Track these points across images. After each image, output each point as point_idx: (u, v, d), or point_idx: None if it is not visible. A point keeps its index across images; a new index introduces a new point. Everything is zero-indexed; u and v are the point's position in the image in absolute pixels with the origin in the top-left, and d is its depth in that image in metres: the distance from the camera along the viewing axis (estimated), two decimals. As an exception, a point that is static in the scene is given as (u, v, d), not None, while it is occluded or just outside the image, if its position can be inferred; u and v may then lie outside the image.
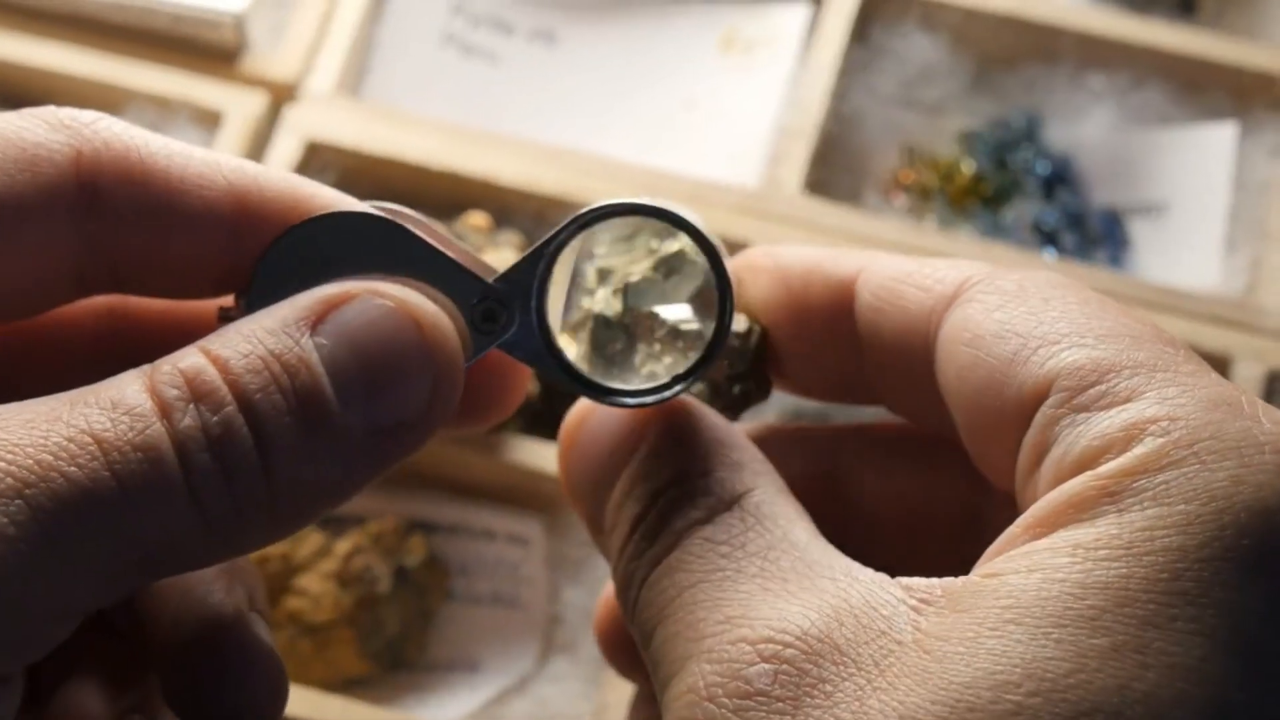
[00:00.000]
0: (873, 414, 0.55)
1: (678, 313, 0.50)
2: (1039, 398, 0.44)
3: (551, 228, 0.48)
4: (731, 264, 0.52)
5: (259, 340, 0.43)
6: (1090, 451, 0.42)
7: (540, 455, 0.91)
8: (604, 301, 0.50)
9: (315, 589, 0.85)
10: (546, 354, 0.48)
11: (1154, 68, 1.07)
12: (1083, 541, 0.40)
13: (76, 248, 0.46)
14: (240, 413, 0.41)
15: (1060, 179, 1.07)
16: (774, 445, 0.51)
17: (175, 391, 0.41)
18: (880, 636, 0.40)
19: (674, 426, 0.49)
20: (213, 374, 0.42)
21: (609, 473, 0.50)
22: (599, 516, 0.50)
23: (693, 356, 0.49)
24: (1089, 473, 0.41)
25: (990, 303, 0.46)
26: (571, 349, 0.49)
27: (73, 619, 0.41)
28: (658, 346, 0.50)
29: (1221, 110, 1.07)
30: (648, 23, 1.13)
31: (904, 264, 0.50)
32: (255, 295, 0.46)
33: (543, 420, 0.94)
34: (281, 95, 1.04)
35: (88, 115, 0.47)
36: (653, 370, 0.49)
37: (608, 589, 0.55)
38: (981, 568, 0.42)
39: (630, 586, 0.47)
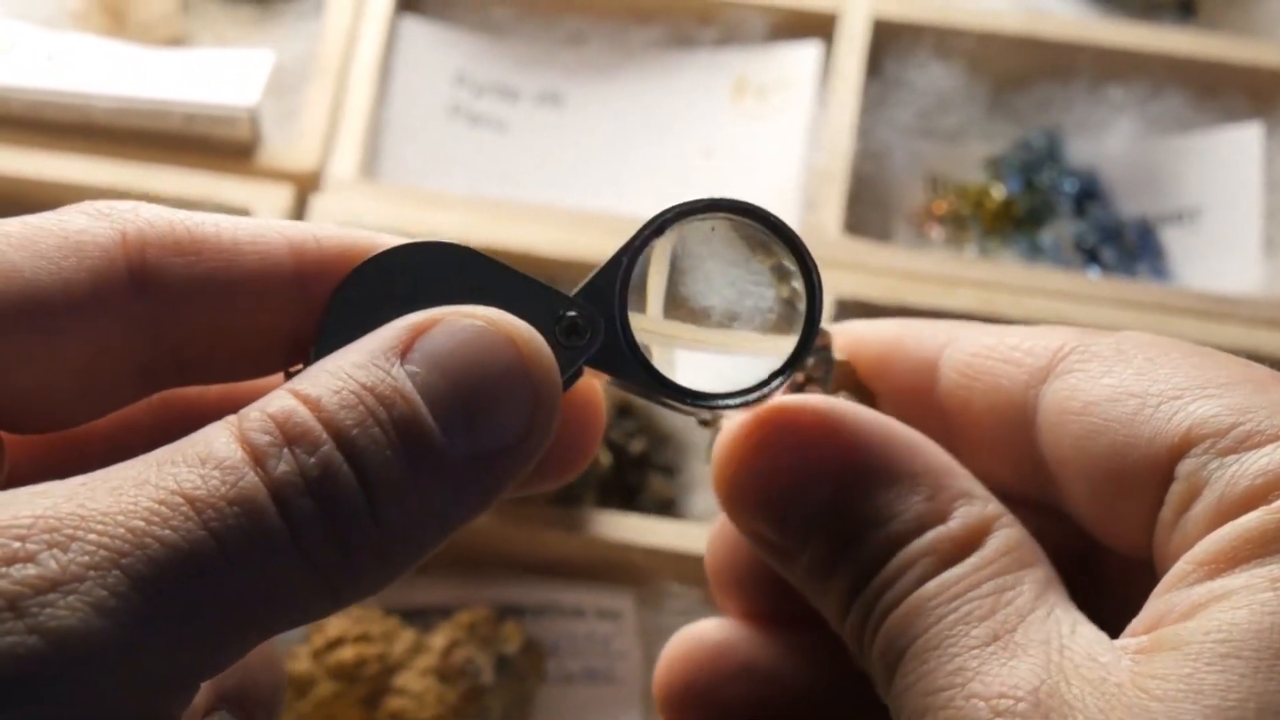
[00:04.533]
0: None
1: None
2: (1176, 451, 0.43)
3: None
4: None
5: (348, 375, 0.41)
6: (1255, 490, 0.42)
7: (622, 527, 0.90)
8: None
9: (416, 687, 0.83)
10: (634, 363, 0.46)
11: (1170, 75, 1.08)
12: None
13: (134, 336, 0.44)
14: (339, 451, 0.39)
15: (1089, 195, 1.07)
16: None
17: (267, 437, 0.39)
18: (1101, 684, 0.40)
19: (884, 448, 0.47)
20: (305, 414, 0.39)
21: (804, 498, 0.48)
22: (780, 533, 0.48)
23: (783, 354, 0.47)
24: (1264, 508, 0.41)
25: (1093, 370, 0.46)
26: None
27: (188, 689, 0.39)
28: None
29: (1241, 111, 1.08)
30: (654, 77, 1.13)
31: (987, 338, 0.49)
32: (324, 342, 0.44)
33: (614, 491, 0.93)
34: (305, 185, 1.02)
35: (125, 203, 0.44)
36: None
37: (717, 525, 0.54)
38: (1166, 607, 0.42)
39: (866, 630, 0.45)
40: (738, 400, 0.46)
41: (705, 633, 0.54)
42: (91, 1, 1.10)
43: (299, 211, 1.01)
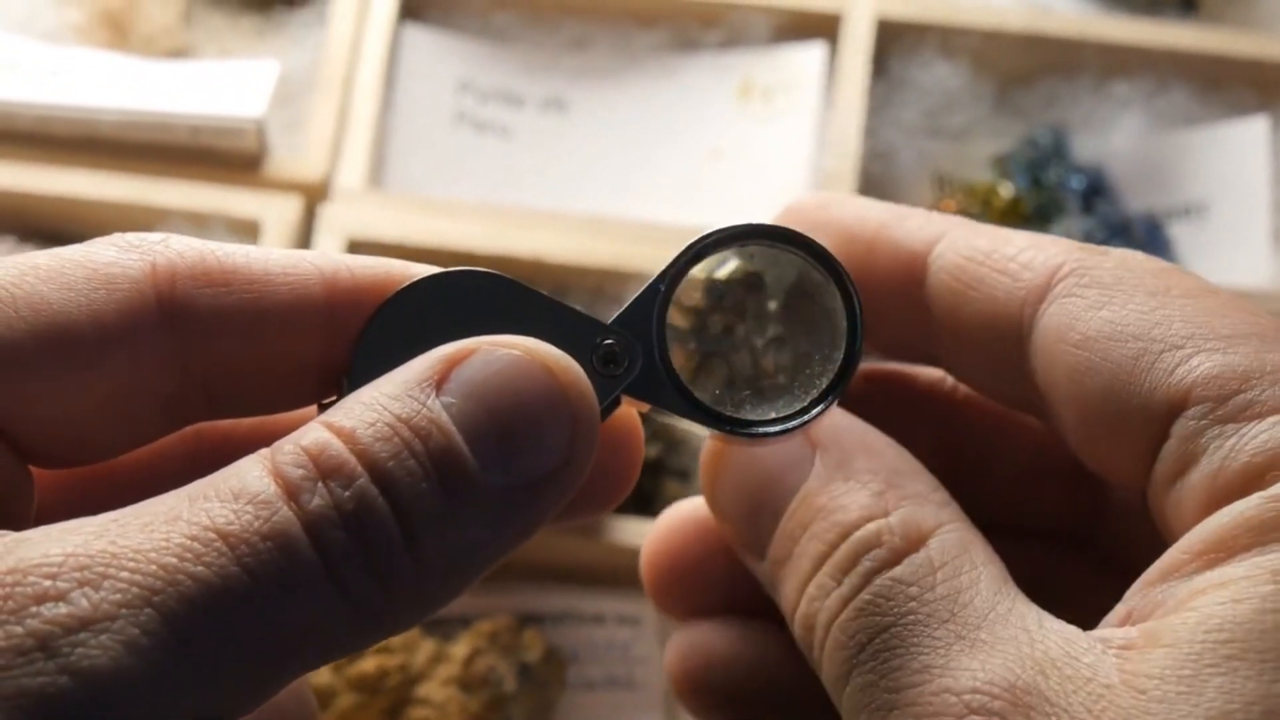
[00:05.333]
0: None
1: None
2: (1174, 407, 0.43)
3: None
4: (781, 212, 0.51)
5: (383, 407, 0.40)
6: (1253, 467, 0.41)
7: (641, 532, 0.89)
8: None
9: (438, 696, 0.83)
10: (674, 392, 0.46)
11: (1175, 69, 1.08)
12: None
13: (163, 369, 0.43)
14: (374, 484, 0.39)
15: (1096, 191, 1.07)
16: (895, 408, 0.50)
17: (301, 471, 0.38)
18: (1087, 683, 0.39)
19: (840, 450, 0.47)
20: (339, 447, 0.39)
21: (773, 498, 0.48)
22: (756, 541, 0.48)
23: (823, 381, 0.46)
24: (1261, 495, 0.40)
25: (1092, 298, 0.45)
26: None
27: None
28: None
29: (1246, 105, 1.08)
30: (658, 80, 1.13)
31: (980, 241, 0.48)
32: (357, 373, 0.43)
33: (632, 498, 0.92)
34: (314, 196, 1.02)
35: (155, 235, 0.44)
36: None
37: (662, 520, 0.54)
38: (1157, 599, 0.41)
39: (816, 627, 0.45)
40: (779, 428, 0.46)
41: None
42: (94, 15, 1.09)
43: (308, 223, 1.01)
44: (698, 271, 0.47)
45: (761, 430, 0.46)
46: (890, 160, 1.07)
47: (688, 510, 0.54)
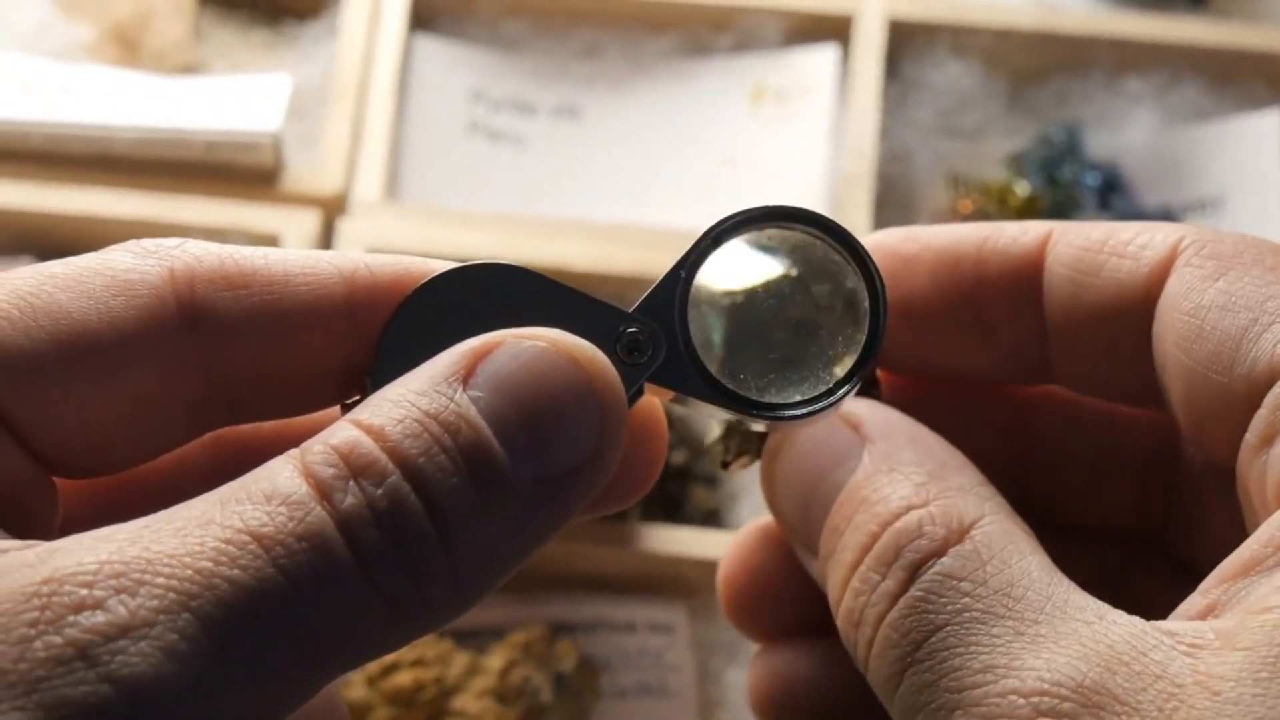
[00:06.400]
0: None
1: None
2: (1272, 377, 0.43)
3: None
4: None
5: (411, 403, 0.40)
6: None
7: (671, 540, 0.90)
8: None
9: (474, 709, 0.83)
10: (698, 378, 0.45)
11: (1187, 64, 1.08)
12: None
13: (185, 374, 0.43)
14: (405, 481, 0.39)
15: (1111, 187, 1.07)
16: (959, 415, 0.50)
17: (332, 470, 0.38)
18: (1157, 681, 0.38)
19: (889, 444, 0.47)
20: (369, 445, 0.39)
21: (822, 492, 0.48)
22: (810, 538, 0.48)
23: (847, 361, 0.46)
24: None
25: (1209, 269, 0.45)
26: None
27: None
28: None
29: (1259, 98, 1.08)
30: (670, 86, 1.12)
31: (1094, 231, 0.48)
32: (380, 372, 0.43)
33: (659, 504, 0.93)
34: (332, 209, 1.02)
35: (171, 240, 0.44)
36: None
37: (737, 538, 0.53)
38: (1234, 595, 0.41)
39: (863, 623, 0.44)
40: (805, 410, 0.46)
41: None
42: (104, 31, 1.09)
43: (326, 236, 1.01)
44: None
45: (787, 414, 0.46)
46: (904, 161, 1.07)
47: (762, 529, 0.54)
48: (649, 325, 0.45)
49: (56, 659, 0.34)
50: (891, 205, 1.07)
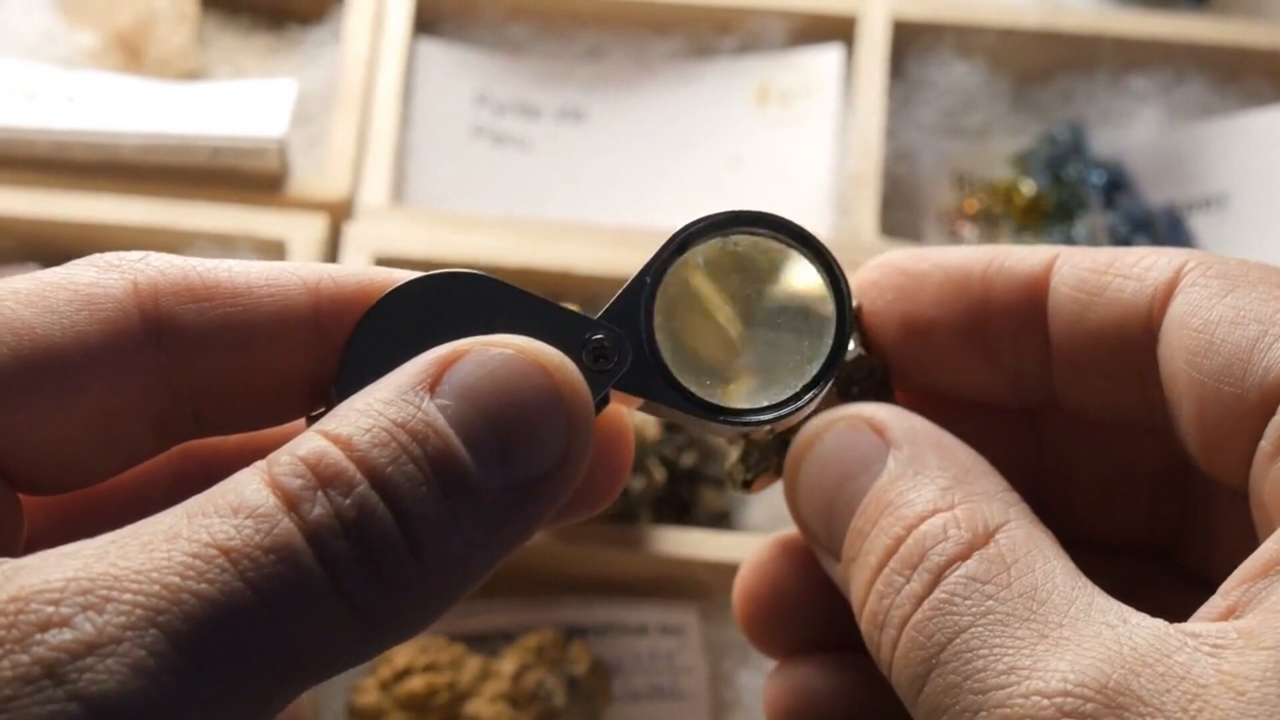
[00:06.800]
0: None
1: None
2: None
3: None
4: (871, 267, 0.51)
5: (378, 412, 0.40)
6: None
7: (683, 542, 0.90)
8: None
9: (488, 713, 0.83)
10: (665, 384, 0.45)
11: (1190, 62, 1.08)
12: None
13: (150, 388, 0.43)
14: (374, 490, 0.38)
15: (1116, 185, 1.07)
16: (973, 428, 0.50)
17: (299, 481, 0.38)
18: (1181, 682, 0.38)
19: (914, 449, 0.47)
20: (337, 454, 0.39)
21: (847, 496, 0.48)
22: (833, 541, 0.48)
23: (814, 366, 0.46)
24: None
25: (1216, 287, 0.45)
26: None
27: None
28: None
29: (1264, 95, 1.08)
30: (674, 87, 1.12)
31: (1100, 255, 0.49)
32: (345, 383, 0.43)
33: (669, 507, 0.93)
34: (338, 214, 1.02)
35: (134, 253, 0.44)
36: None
37: (755, 553, 0.53)
38: (1257, 594, 0.40)
39: (887, 625, 0.44)
40: (772, 416, 0.46)
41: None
42: (107, 39, 1.09)
43: (334, 241, 1.01)
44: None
45: (754, 419, 0.46)
46: (909, 161, 1.08)
47: (780, 543, 0.54)
48: (614, 332, 0.45)
49: (24, 678, 0.34)
50: (897, 205, 1.07)
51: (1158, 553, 0.53)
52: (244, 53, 1.13)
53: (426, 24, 1.12)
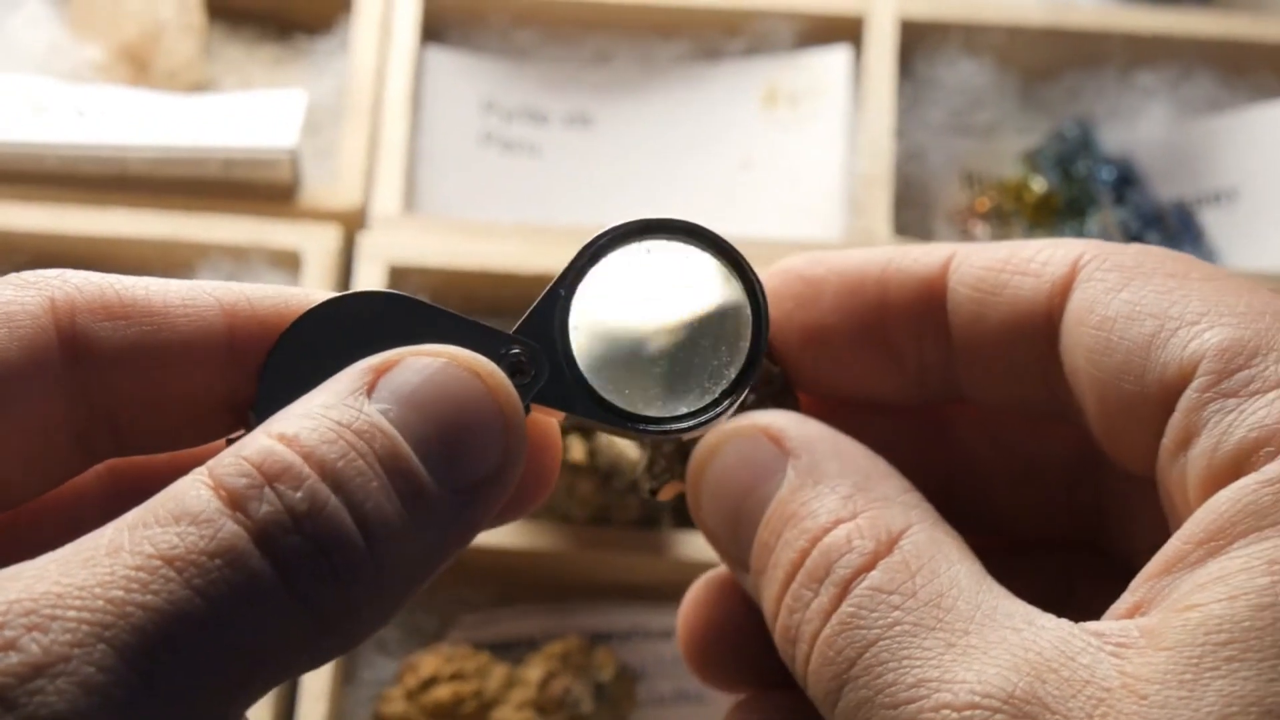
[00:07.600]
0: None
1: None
2: (1183, 380, 0.43)
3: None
4: (770, 274, 0.51)
5: (321, 414, 0.40)
6: (1247, 444, 0.41)
7: (704, 546, 0.89)
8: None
9: (515, 722, 0.83)
10: (584, 396, 0.46)
11: (1198, 57, 1.08)
12: (1277, 557, 0.39)
13: (70, 405, 0.43)
14: (324, 482, 0.38)
15: (1126, 181, 1.07)
16: (881, 431, 0.50)
17: (245, 480, 0.38)
18: (1085, 686, 0.39)
19: (812, 457, 0.47)
20: (283, 450, 0.39)
21: (749, 508, 0.48)
22: (740, 554, 0.48)
23: (732, 371, 0.46)
24: (1256, 476, 0.40)
25: (1112, 281, 0.46)
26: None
27: None
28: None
29: (1271, 89, 1.08)
30: (682, 91, 1.12)
31: (997, 250, 0.49)
32: (262, 404, 0.43)
33: (682, 511, 0.93)
34: (351, 224, 1.02)
35: (52, 271, 0.44)
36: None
37: (691, 591, 0.53)
38: (1156, 594, 0.41)
39: (799, 640, 0.44)
40: (691, 423, 0.46)
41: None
42: (115, 52, 1.09)
43: (348, 251, 1.01)
44: None
45: (674, 427, 0.46)
46: (919, 160, 1.08)
47: (716, 579, 0.53)
48: (531, 345, 0.45)
49: None
50: (908, 205, 1.07)
51: (1087, 545, 0.53)
52: (251, 64, 1.13)
53: (433, 32, 1.12)
